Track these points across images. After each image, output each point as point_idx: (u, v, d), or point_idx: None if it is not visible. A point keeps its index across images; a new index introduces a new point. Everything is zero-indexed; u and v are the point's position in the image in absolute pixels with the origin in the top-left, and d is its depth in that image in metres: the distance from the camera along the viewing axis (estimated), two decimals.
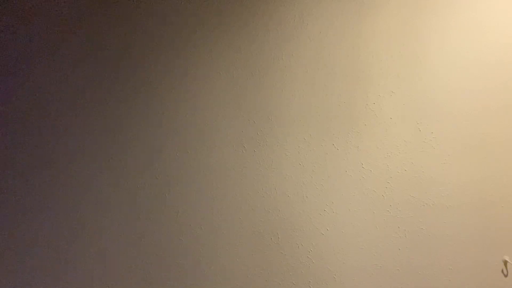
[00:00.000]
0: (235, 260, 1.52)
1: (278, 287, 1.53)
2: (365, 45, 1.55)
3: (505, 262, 1.57)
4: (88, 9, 1.48)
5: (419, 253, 1.55)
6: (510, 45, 1.56)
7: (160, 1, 1.51)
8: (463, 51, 1.56)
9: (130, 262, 1.48)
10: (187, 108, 1.50)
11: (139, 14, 1.49)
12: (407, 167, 1.55)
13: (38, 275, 1.45)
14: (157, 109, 1.49)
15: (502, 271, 1.57)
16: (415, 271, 1.56)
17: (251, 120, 1.53)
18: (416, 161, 1.55)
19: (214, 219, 1.51)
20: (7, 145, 1.44)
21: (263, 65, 1.53)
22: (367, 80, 1.55)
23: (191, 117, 1.50)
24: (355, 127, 1.55)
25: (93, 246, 1.46)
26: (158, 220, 1.49)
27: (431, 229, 1.56)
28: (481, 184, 1.57)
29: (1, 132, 1.44)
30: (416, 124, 1.55)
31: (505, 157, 1.57)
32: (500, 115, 1.57)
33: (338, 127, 1.55)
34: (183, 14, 1.51)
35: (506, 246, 1.57)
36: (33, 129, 1.45)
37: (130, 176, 1.48)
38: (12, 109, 1.44)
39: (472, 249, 1.57)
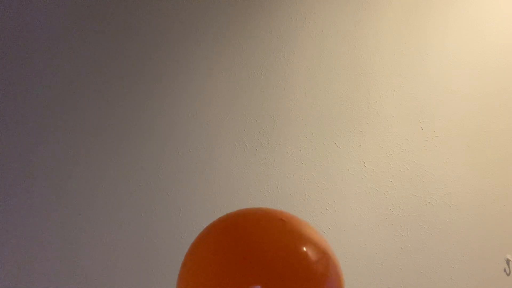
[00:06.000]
0: None
1: None
2: (367, 43, 1.55)
3: (508, 261, 1.56)
4: (88, 8, 1.48)
5: (421, 252, 1.55)
6: None
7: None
8: (466, 49, 1.56)
9: (132, 259, 1.48)
10: (189, 107, 1.50)
11: (139, 11, 1.49)
12: (409, 165, 1.55)
13: (41, 274, 1.45)
14: (159, 107, 1.49)
15: (505, 270, 1.57)
16: (417, 270, 1.55)
17: (252, 119, 1.52)
18: (418, 160, 1.55)
19: (216, 218, 1.50)
20: (12, 144, 1.44)
21: (265, 64, 1.53)
22: (369, 79, 1.55)
23: (193, 116, 1.50)
24: (357, 125, 1.54)
25: (95, 244, 1.46)
26: (160, 218, 1.49)
27: (433, 227, 1.55)
28: (483, 182, 1.56)
29: (5, 131, 1.44)
30: (418, 123, 1.55)
31: (507, 155, 1.57)
32: (503, 113, 1.57)
33: (340, 125, 1.54)
34: (184, 13, 1.50)
35: (509, 245, 1.57)
36: (36, 128, 1.45)
37: (132, 175, 1.48)
38: (14, 108, 1.45)
39: (474, 248, 1.56)
